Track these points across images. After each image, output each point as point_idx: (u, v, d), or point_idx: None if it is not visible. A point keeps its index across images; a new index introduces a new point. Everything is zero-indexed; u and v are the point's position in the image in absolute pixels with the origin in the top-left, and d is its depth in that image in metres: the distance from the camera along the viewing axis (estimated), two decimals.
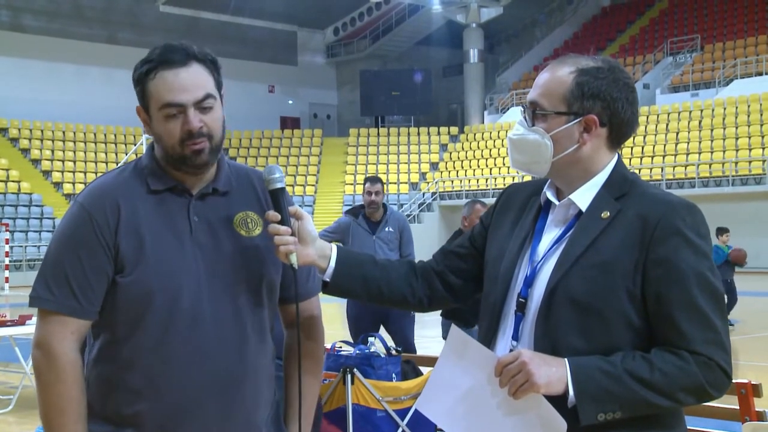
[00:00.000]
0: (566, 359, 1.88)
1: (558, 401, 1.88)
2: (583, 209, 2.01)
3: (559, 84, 2.01)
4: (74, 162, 31.68)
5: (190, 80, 2.04)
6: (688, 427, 3.49)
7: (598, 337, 1.90)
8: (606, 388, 1.85)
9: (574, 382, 1.86)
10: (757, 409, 3.33)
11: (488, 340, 2.05)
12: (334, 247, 2.16)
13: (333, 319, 15.10)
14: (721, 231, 13.45)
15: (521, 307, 2.00)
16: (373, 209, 7.46)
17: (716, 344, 1.88)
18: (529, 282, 2.00)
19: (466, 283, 2.23)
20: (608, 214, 1.96)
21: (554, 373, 1.86)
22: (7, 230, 25.40)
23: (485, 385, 1.92)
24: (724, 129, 28.54)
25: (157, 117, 2.06)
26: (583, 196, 2.02)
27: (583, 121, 2.00)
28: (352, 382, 4.95)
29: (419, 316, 6.78)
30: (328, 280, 2.15)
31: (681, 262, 1.89)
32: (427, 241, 24.29)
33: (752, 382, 3.35)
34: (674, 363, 1.87)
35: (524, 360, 1.86)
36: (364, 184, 7.49)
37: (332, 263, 2.14)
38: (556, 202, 2.06)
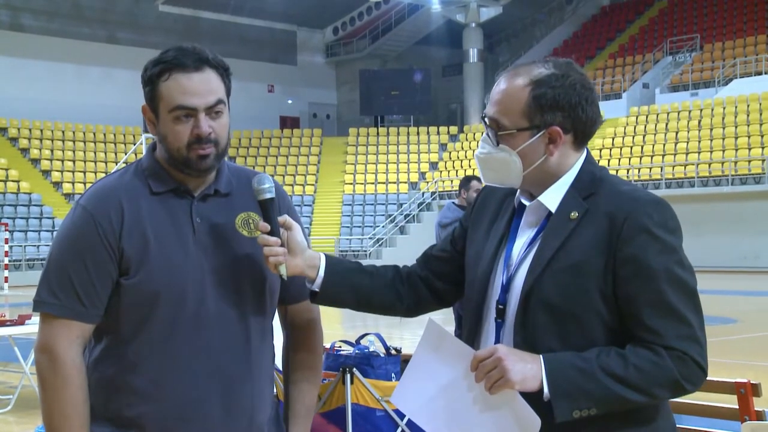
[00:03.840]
0: (542, 356, 1.89)
1: (535, 396, 1.88)
2: (553, 210, 2.00)
3: (516, 100, 1.99)
4: (74, 162, 31.66)
5: (203, 85, 2.03)
6: (688, 427, 3.50)
7: (575, 339, 1.91)
8: (580, 385, 1.86)
9: (548, 379, 1.87)
10: (756, 409, 3.32)
11: (470, 344, 2.04)
12: (322, 256, 2.15)
13: (332, 319, 15.11)
14: None
15: (500, 314, 2.01)
16: None
17: (690, 339, 1.89)
18: (506, 288, 2.00)
19: (451, 286, 2.22)
20: (576, 214, 1.96)
21: (529, 369, 1.86)
22: (6, 230, 25.36)
23: (461, 379, 1.92)
24: (724, 128, 28.53)
25: (165, 118, 2.05)
26: (551, 197, 2.01)
27: (547, 133, 1.99)
28: (352, 382, 4.95)
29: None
30: (317, 290, 2.14)
31: (649, 259, 1.89)
32: (426, 240, 24.26)
33: (751, 382, 3.34)
34: (649, 358, 1.87)
35: (500, 356, 1.86)
36: (472, 182, 7.59)
37: (321, 273, 2.13)
38: (528, 204, 2.06)
